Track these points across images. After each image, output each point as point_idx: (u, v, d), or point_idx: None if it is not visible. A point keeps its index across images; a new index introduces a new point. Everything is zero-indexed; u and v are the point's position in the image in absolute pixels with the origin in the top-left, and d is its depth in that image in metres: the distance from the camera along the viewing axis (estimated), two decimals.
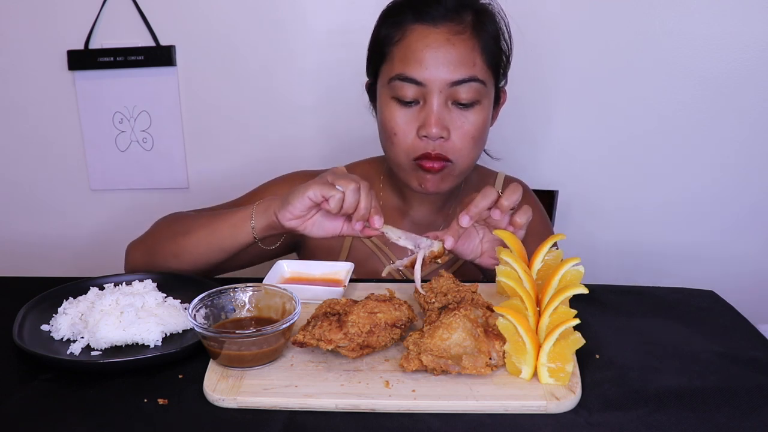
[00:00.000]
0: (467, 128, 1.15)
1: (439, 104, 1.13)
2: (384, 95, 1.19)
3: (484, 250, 1.10)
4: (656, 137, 1.74)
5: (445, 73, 1.12)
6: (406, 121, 1.16)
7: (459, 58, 1.13)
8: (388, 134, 1.18)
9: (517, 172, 1.44)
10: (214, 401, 0.80)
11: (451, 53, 1.12)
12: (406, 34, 1.15)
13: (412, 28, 1.15)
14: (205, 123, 1.83)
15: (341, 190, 1.00)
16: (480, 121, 1.16)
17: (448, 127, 1.14)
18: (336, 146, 1.83)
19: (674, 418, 0.77)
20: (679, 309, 1.04)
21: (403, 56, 1.15)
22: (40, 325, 0.96)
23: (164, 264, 1.17)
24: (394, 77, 1.15)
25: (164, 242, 1.18)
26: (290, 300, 0.91)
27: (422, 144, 1.15)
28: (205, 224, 1.15)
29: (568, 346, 0.81)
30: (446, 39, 1.13)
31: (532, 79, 1.73)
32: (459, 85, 1.13)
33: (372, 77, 1.25)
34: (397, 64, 1.15)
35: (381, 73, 1.20)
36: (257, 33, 1.75)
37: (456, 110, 1.15)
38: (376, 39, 1.22)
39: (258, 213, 1.10)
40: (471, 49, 1.14)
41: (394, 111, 1.16)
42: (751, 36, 1.65)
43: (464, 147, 1.16)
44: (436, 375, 0.82)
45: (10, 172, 1.89)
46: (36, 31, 1.77)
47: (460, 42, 1.13)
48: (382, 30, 1.20)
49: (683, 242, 1.81)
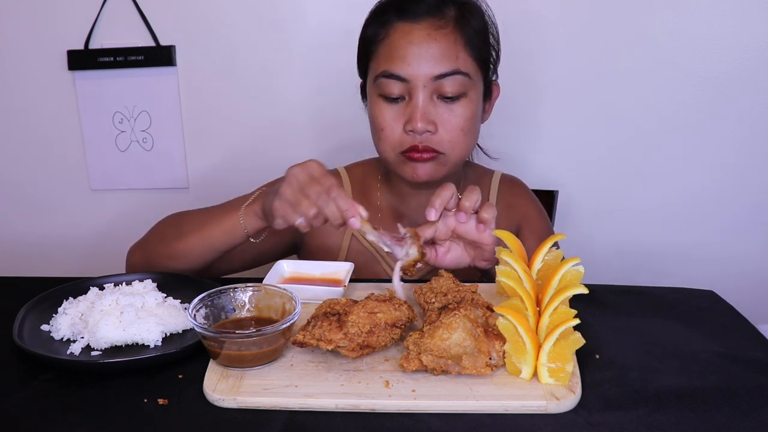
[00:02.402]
0: (455, 121, 1.17)
1: (424, 99, 1.15)
2: (372, 93, 1.21)
3: (474, 256, 1.11)
4: (656, 137, 1.74)
5: (428, 68, 1.14)
6: (392, 117, 1.18)
7: (441, 53, 1.14)
8: (376, 130, 1.20)
9: (517, 172, 1.44)
10: (214, 401, 0.80)
11: (432, 48, 1.14)
12: (390, 33, 1.17)
13: (395, 26, 1.17)
14: (205, 123, 1.83)
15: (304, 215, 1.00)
16: (468, 113, 1.17)
17: (434, 121, 1.16)
18: (335, 146, 1.83)
19: (674, 418, 0.77)
20: (679, 309, 1.04)
21: (387, 54, 1.17)
22: (40, 325, 0.96)
23: (160, 266, 1.18)
24: (379, 75, 1.17)
25: (160, 246, 1.20)
26: (290, 300, 0.91)
27: (409, 138, 1.17)
28: (198, 229, 1.16)
29: (568, 346, 0.81)
30: (427, 34, 1.14)
31: (533, 79, 1.73)
32: (443, 79, 1.14)
33: (362, 76, 1.28)
34: (382, 62, 1.18)
35: (369, 72, 1.22)
36: (257, 33, 1.75)
37: (442, 104, 1.16)
38: (363, 38, 1.24)
39: (247, 216, 1.12)
40: (453, 42, 1.15)
41: (381, 108, 1.18)
42: (751, 36, 1.65)
43: (453, 139, 1.17)
44: (436, 375, 0.82)
45: (10, 172, 1.89)
46: (36, 31, 1.77)
47: (441, 36, 1.15)
48: (369, 29, 1.22)
49: (683, 242, 1.81)
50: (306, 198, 1.00)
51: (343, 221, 1.00)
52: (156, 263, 1.19)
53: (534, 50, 1.70)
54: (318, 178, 1.01)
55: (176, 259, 1.17)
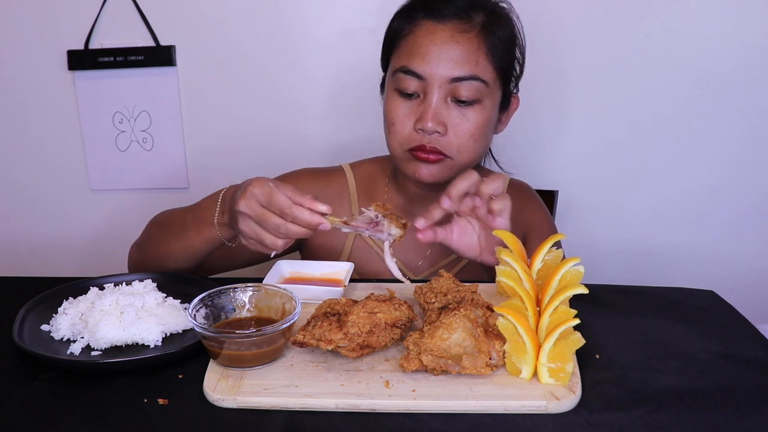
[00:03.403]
0: (466, 126, 1.16)
1: (438, 99, 1.15)
2: (389, 86, 1.22)
3: (484, 247, 1.10)
4: (656, 137, 1.74)
5: (446, 69, 1.14)
6: (405, 113, 1.18)
7: (462, 56, 1.14)
8: (388, 124, 1.21)
9: (517, 172, 1.44)
10: (214, 401, 0.80)
11: (454, 50, 1.14)
12: (415, 29, 1.18)
13: (421, 23, 1.17)
14: (205, 123, 1.83)
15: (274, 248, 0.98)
16: (480, 120, 1.17)
17: (445, 122, 1.16)
18: (336, 146, 1.83)
19: (674, 418, 0.77)
20: (679, 309, 1.04)
21: (409, 49, 1.17)
22: (40, 325, 0.96)
23: (155, 266, 1.19)
24: (398, 69, 1.18)
25: (150, 248, 1.22)
26: (290, 300, 0.91)
27: (418, 136, 1.17)
28: (177, 236, 1.16)
29: (568, 346, 0.81)
30: (451, 36, 1.15)
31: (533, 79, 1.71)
32: (459, 82, 1.14)
33: (384, 69, 1.28)
34: (402, 57, 1.18)
35: (390, 65, 1.23)
36: (257, 33, 1.75)
37: (455, 107, 1.16)
38: (388, 32, 1.25)
39: (221, 227, 1.10)
40: (476, 48, 1.15)
41: (395, 102, 1.19)
42: (751, 36, 1.65)
43: (462, 144, 1.17)
44: (436, 375, 0.82)
45: (10, 172, 1.89)
46: (36, 31, 1.77)
47: (465, 40, 1.15)
48: (395, 23, 1.23)
49: (683, 242, 1.81)
50: (266, 232, 0.97)
51: (314, 230, 0.96)
52: (150, 263, 1.21)
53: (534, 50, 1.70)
54: (267, 204, 0.95)
55: (165, 260, 1.18)
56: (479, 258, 1.11)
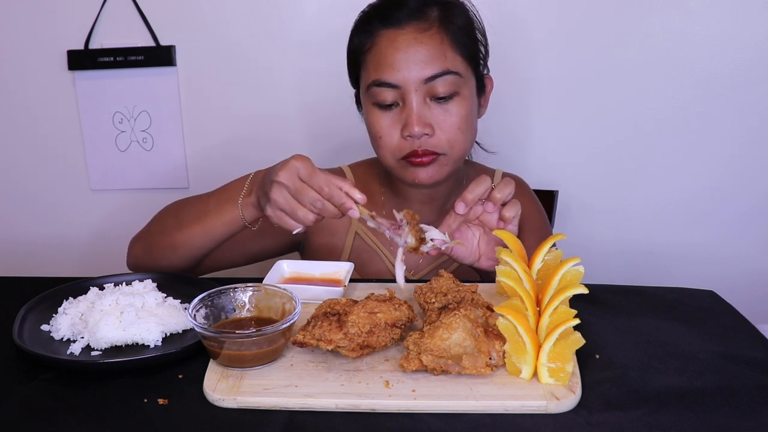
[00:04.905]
0: (451, 120, 1.17)
1: (417, 103, 1.15)
2: (366, 102, 1.21)
3: (482, 253, 1.10)
4: (656, 137, 1.74)
5: (417, 72, 1.14)
6: (389, 124, 1.18)
7: (428, 55, 1.14)
8: (374, 138, 1.21)
9: (517, 172, 1.44)
10: (214, 401, 0.80)
11: (420, 51, 1.14)
12: (376, 41, 1.18)
13: (381, 34, 1.17)
14: (205, 123, 1.83)
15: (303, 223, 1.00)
16: (463, 111, 1.17)
17: (430, 123, 1.16)
18: (337, 146, 1.83)
19: (674, 418, 0.77)
20: (679, 309, 1.04)
21: (376, 62, 1.17)
22: (40, 325, 0.96)
23: (162, 256, 1.18)
24: (371, 84, 1.17)
25: (160, 237, 1.20)
26: (290, 300, 0.91)
27: (407, 143, 1.17)
28: (198, 219, 1.15)
29: (568, 346, 0.81)
30: (413, 38, 1.15)
31: (533, 78, 1.73)
32: (433, 81, 1.14)
33: (354, 86, 1.28)
34: (371, 71, 1.18)
35: (360, 81, 1.23)
36: (257, 33, 1.75)
37: (436, 106, 1.16)
38: (350, 49, 1.24)
39: (245, 207, 1.11)
40: (440, 43, 1.15)
41: (376, 116, 1.19)
42: (751, 36, 1.65)
43: (451, 139, 1.17)
44: (436, 375, 0.82)
45: (10, 172, 1.89)
46: (36, 31, 1.77)
47: (427, 38, 1.15)
48: (355, 40, 1.23)
49: (683, 242, 1.81)
50: (300, 205, 0.99)
51: (342, 214, 0.99)
52: (157, 254, 1.19)
53: (534, 50, 1.70)
54: (308, 178, 0.98)
55: (177, 248, 1.17)
56: (477, 263, 1.11)
